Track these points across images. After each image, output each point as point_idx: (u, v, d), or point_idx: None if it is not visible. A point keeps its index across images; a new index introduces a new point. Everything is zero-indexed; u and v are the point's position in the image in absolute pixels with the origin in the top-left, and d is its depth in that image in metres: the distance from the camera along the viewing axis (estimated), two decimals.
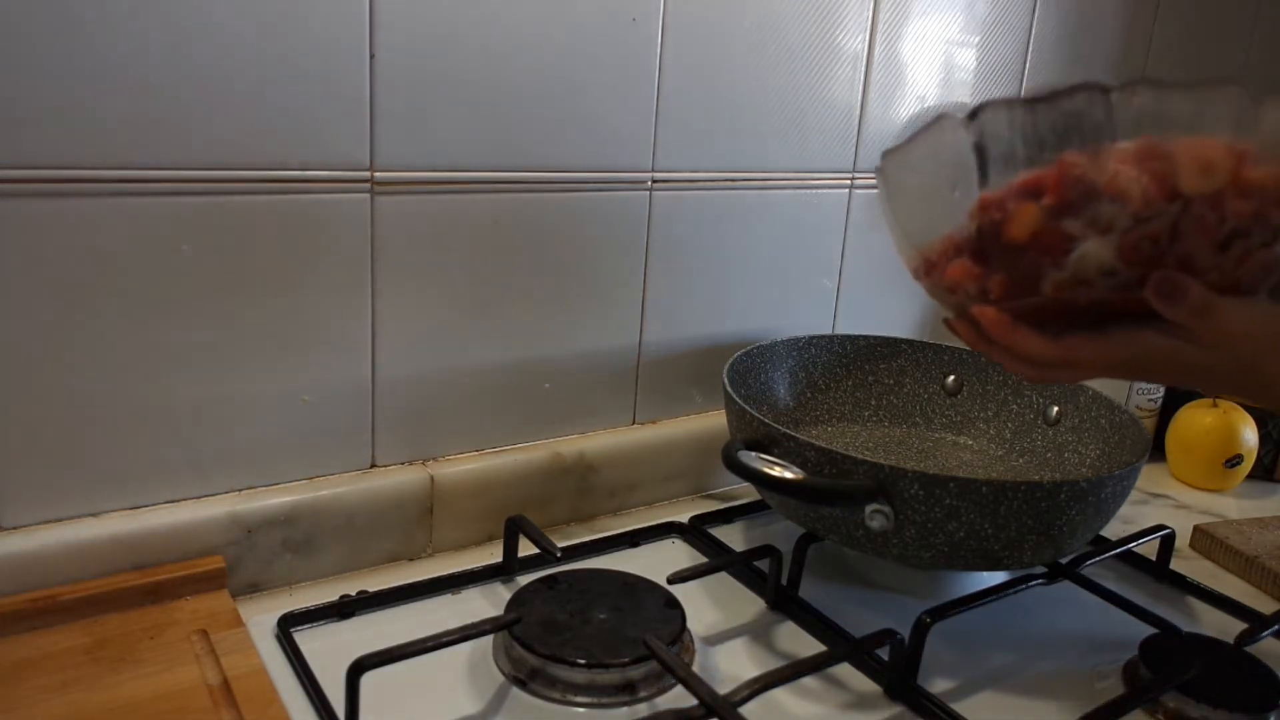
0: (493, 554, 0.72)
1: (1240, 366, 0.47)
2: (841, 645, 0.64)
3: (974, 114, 0.46)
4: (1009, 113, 0.45)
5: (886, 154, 0.51)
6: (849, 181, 0.90)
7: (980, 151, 0.46)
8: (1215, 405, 0.98)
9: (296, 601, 0.65)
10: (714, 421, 0.87)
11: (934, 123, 0.48)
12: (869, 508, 0.62)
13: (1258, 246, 0.44)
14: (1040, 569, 0.71)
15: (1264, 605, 0.75)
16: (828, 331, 0.95)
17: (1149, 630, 0.66)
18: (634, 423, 0.85)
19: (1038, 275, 0.46)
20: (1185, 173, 0.43)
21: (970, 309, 0.50)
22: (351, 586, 0.66)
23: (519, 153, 0.71)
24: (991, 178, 0.46)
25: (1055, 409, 0.83)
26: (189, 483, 0.65)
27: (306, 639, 0.61)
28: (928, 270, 0.51)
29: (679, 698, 0.58)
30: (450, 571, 0.68)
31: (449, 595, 0.68)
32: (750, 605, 0.69)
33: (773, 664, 0.62)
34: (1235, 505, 0.95)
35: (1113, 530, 0.81)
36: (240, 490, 0.67)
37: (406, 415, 0.72)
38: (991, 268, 0.48)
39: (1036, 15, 0.97)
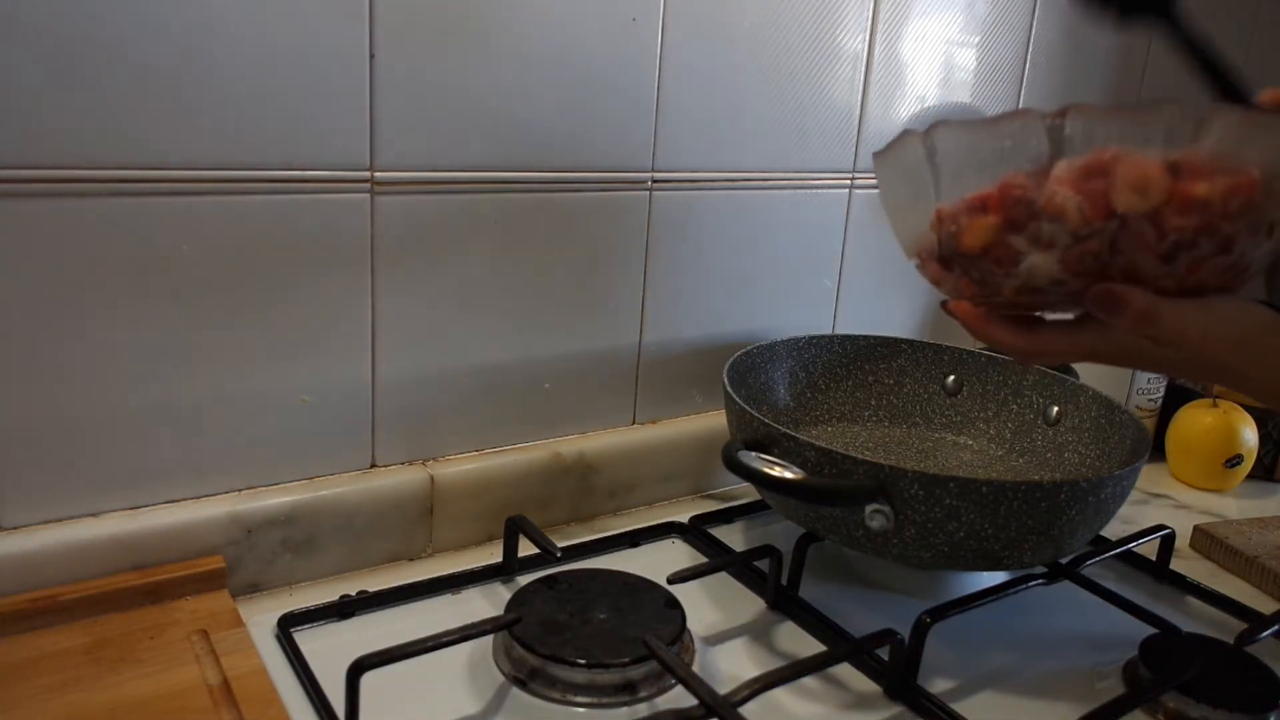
0: (493, 554, 0.72)
1: (1206, 363, 0.48)
2: (841, 645, 0.64)
3: (928, 132, 0.49)
4: (955, 132, 0.48)
5: (875, 156, 0.54)
6: (849, 181, 0.90)
7: (934, 167, 0.49)
8: (1215, 405, 0.98)
9: (296, 601, 0.65)
10: (714, 421, 0.87)
11: (899, 138, 0.50)
12: (869, 508, 0.62)
13: (1210, 255, 0.45)
14: (1040, 569, 0.71)
15: (1264, 605, 0.75)
16: (828, 331, 0.95)
17: (1149, 630, 0.66)
18: (634, 423, 0.85)
19: (996, 281, 0.49)
20: (1119, 192, 0.44)
21: (949, 304, 0.54)
22: (351, 586, 0.66)
23: (519, 152, 0.71)
24: (944, 192, 0.49)
25: (1055, 409, 0.83)
26: (189, 483, 0.65)
27: (306, 639, 0.61)
28: (918, 266, 0.54)
29: (679, 698, 0.58)
30: (450, 571, 0.68)
31: (449, 595, 0.68)
32: (750, 605, 0.69)
33: (773, 664, 0.62)
34: (1235, 505, 0.95)
35: (1113, 530, 0.81)
36: (240, 490, 0.67)
37: (406, 415, 0.72)
38: (955, 272, 0.50)
39: (1036, 15, 0.97)
